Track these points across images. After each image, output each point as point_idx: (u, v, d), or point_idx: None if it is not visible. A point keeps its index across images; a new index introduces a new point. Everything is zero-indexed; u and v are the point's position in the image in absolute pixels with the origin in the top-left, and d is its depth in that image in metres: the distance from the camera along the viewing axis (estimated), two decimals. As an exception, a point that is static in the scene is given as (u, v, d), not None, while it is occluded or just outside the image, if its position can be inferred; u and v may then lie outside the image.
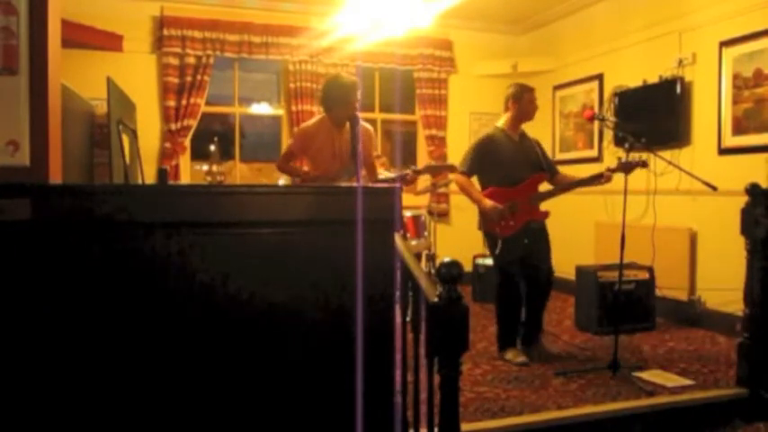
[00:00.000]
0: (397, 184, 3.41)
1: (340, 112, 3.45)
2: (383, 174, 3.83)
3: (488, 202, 3.57)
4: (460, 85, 6.42)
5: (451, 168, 3.89)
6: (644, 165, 3.48)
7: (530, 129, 3.90)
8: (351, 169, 3.43)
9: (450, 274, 1.64)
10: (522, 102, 3.72)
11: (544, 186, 3.78)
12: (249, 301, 1.53)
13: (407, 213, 4.44)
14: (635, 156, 3.54)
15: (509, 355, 3.60)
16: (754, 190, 2.96)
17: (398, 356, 1.85)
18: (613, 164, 3.61)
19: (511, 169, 3.65)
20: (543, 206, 3.71)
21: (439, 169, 4.67)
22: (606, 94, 5.40)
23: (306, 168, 3.76)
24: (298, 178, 3.79)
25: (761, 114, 4.04)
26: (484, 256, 5.43)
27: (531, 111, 3.76)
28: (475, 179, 3.76)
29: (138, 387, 1.47)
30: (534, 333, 3.74)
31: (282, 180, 5.14)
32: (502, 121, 3.80)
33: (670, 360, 3.57)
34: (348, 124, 3.42)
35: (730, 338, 3.85)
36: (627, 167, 3.46)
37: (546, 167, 3.82)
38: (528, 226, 3.63)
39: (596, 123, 5.18)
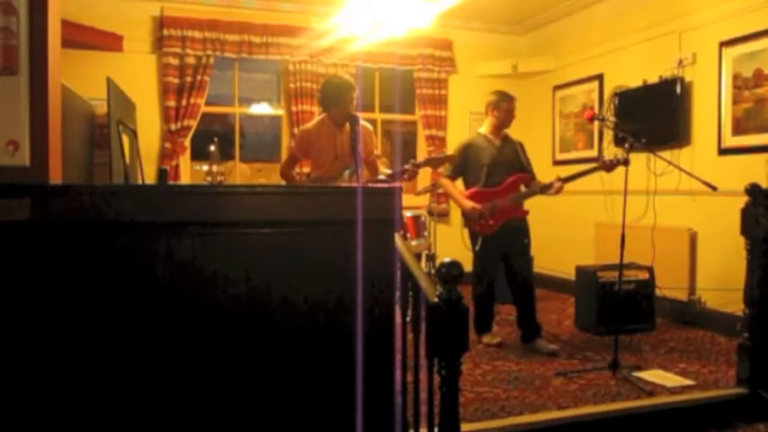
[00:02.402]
0: (398, 183, 3.42)
1: (336, 111, 3.49)
2: (383, 171, 3.84)
3: (468, 203, 3.86)
4: (460, 85, 6.41)
5: (451, 159, 3.95)
6: (625, 162, 3.52)
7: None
8: (353, 168, 3.43)
9: (450, 274, 1.64)
10: (500, 110, 3.95)
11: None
12: (249, 300, 1.53)
13: (407, 213, 4.44)
14: (621, 154, 3.62)
15: (485, 339, 3.94)
16: (754, 190, 2.96)
17: (398, 356, 1.85)
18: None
19: (491, 172, 3.90)
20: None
21: (439, 161, 4.66)
22: (606, 95, 5.40)
23: (307, 170, 3.76)
24: None
25: (761, 114, 4.04)
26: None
27: (508, 119, 4.00)
28: (460, 182, 4.07)
29: (137, 387, 1.47)
30: (531, 331, 3.87)
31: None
32: (483, 126, 4.07)
33: (670, 360, 3.57)
34: (348, 124, 3.44)
35: (730, 338, 3.85)
36: (610, 165, 3.62)
37: (527, 170, 4.01)
38: (507, 224, 3.85)
39: (596, 124, 5.18)
